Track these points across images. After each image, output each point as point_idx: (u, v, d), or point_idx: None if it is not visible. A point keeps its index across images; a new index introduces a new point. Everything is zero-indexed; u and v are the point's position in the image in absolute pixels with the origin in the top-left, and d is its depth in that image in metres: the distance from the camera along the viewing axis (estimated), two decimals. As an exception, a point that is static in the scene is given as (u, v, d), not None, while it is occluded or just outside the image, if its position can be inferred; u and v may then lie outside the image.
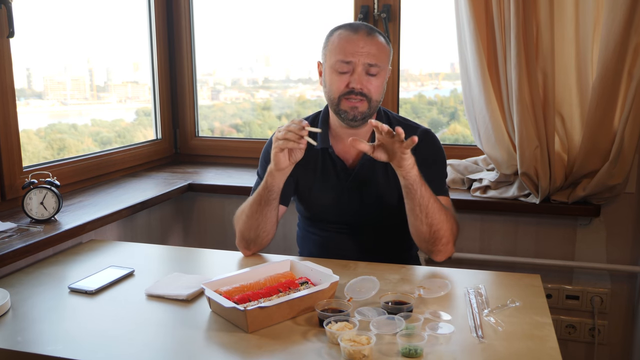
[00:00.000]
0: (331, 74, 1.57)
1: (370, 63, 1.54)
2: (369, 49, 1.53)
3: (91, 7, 2.35)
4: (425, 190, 1.48)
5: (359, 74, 1.54)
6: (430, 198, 1.49)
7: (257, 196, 1.60)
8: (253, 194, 1.64)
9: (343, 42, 1.55)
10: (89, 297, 1.39)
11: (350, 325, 1.13)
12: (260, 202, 1.59)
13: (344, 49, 1.54)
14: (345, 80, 1.55)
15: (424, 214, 1.50)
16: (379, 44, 1.56)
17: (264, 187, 1.58)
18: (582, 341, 2.16)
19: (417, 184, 1.47)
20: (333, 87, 1.57)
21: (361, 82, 1.54)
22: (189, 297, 1.36)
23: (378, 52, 1.55)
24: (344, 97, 1.56)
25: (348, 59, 1.54)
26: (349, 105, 1.56)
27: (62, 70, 2.34)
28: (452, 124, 2.58)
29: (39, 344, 1.16)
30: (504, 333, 1.17)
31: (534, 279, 1.46)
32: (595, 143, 1.89)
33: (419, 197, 1.48)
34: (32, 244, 1.53)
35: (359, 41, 1.54)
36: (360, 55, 1.53)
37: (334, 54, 1.56)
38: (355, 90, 1.54)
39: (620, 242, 2.07)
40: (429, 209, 1.49)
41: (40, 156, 2.18)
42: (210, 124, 2.86)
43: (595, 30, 1.86)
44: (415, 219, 1.52)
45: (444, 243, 1.53)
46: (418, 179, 1.47)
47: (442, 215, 1.51)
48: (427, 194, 1.49)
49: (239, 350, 1.13)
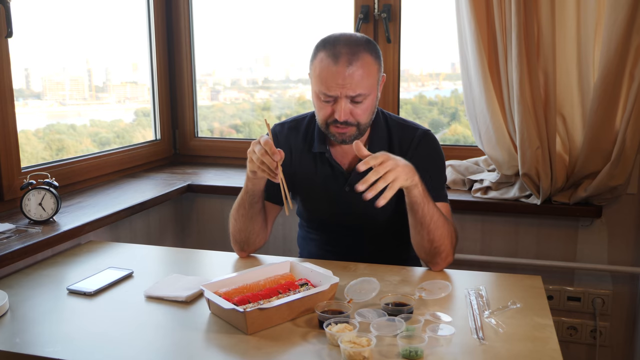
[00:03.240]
0: (316, 99, 1.53)
1: (352, 95, 1.46)
2: (350, 79, 1.44)
3: (90, 7, 2.34)
4: (429, 209, 1.45)
5: (342, 107, 1.47)
6: (434, 215, 1.47)
7: (240, 200, 1.60)
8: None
9: (324, 74, 1.46)
10: (87, 298, 1.38)
11: (350, 327, 1.13)
12: (244, 206, 1.59)
13: (325, 82, 1.46)
14: (329, 109, 1.50)
15: (425, 231, 1.48)
16: (362, 68, 1.46)
17: (244, 191, 1.57)
18: (584, 343, 2.15)
19: (420, 203, 1.44)
20: (319, 114, 1.54)
21: (346, 114, 1.48)
22: (188, 298, 1.35)
23: (361, 79, 1.46)
24: (331, 124, 1.53)
25: (330, 92, 1.46)
26: (337, 131, 1.53)
27: (60, 70, 2.33)
28: (453, 125, 2.57)
29: (37, 346, 1.16)
30: (504, 335, 1.17)
31: (535, 281, 1.46)
32: (597, 144, 1.89)
33: (421, 216, 1.46)
34: (30, 245, 1.52)
35: (339, 73, 1.44)
36: (343, 88, 1.45)
37: (316, 83, 1.49)
38: (340, 121, 1.50)
39: (622, 243, 2.07)
40: (431, 226, 1.47)
41: (38, 157, 2.17)
42: (210, 124, 2.85)
43: (597, 31, 1.86)
44: (417, 233, 1.50)
45: (443, 257, 1.52)
46: (421, 198, 1.43)
47: (445, 230, 1.49)
48: (431, 212, 1.46)
49: (239, 352, 1.12)
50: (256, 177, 1.51)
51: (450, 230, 1.52)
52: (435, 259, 1.52)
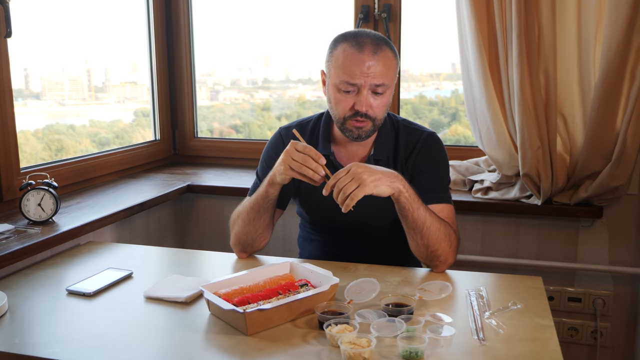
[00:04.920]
0: (336, 92, 1.52)
1: (377, 84, 1.47)
2: (375, 68, 1.45)
3: (89, 7, 2.34)
4: (419, 214, 1.44)
5: (364, 97, 1.47)
6: (426, 221, 1.45)
7: (255, 204, 1.58)
8: (250, 196, 1.63)
9: (348, 62, 1.46)
10: (87, 299, 1.38)
11: (350, 328, 1.13)
12: (259, 210, 1.58)
13: (349, 70, 1.46)
14: (350, 101, 1.50)
15: (418, 236, 1.47)
16: (386, 60, 1.47)
17: (263, 196, 1.56)
18: (584, 344, 2.15)
19: (409, 209, 1.43)
20: (338, 107, 1.53)
21: (367, 105, 1.48)
22: (188, 299, 1.35)
23: (385, 70, 1.47)
24: (349, 118, 1.52)
25: (354, 81, 1.46)
26: (354, 125, 1.52)
27: (60, 70, 2.33)
28: (453, 125, 2.57)
29: (36, 347, 1.15)
30: (505, 335, 1.17)
31: (536, 281, 1.46)
32: (598, 144, 1.88)
33: (412, 222, 1.45)
34: (29, 245, 1.52)
35: (365, 61, 1.45)
36: (367, 77, 1.45)
37: (339, 73, 1.49)
38: (361, 113, 1.49)
39: (623, 243, 2.06)
40: (424, 232, 1.46)
41: (37, 157, 2.17)
42: (210, 124, 2.85)
43: (598, 30, 1.85)
44: (411, 239, 1.50)
45: (442, 260, 1.51)
46: (409, 204, 1.43)
47: (441, 234, 1.48)
48: (422, 217, 1.45)
49: (238, 353, 1.12)
50: (285, 182, 1.50)
51: (448, 234, 1.51)
52: (434, 262, 1.52)
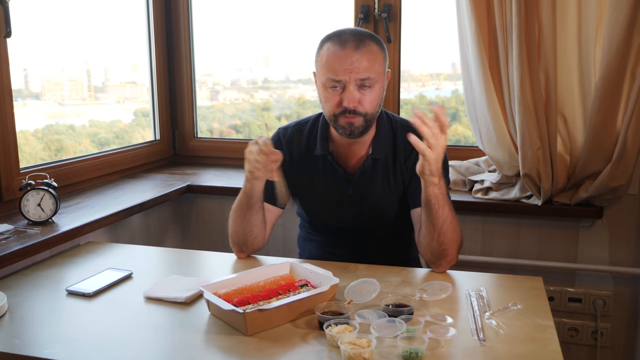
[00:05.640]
0: (324, 90, 1.53)
1: (362, 78, 1.48)
2: (359, 63, 1.46)
3: (89, 7, 2.34)
4: (444, 211, 1.44)
5: (351, 93, 1.48)
6: (447, 219, 1.46)
7: (239, 201, 1.59)
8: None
9: (331, 60, 1.49)
10: (86, 299, 1.38)
11: (350, 328, 1.12)
12: (242, 207, 1.58)
13: (332, 67, 1.48)
14: (337, 98, 1.51)
15: (437, 232, 1.47)
16: (369, 54, 1.49)
17: (243, 192, 1.57)
18: (585, 344, 2.15)
19: (435, 203, 1.43)
20: (327, 105, 1.54)
21: (354, 100, 1.49)
22: (188, 299, 1.34)
23: (370, 64, 1.48)
24: (339, 115, 1.53)
25: (338, 77, 1.48)
26: (345, 122, 1.52)
27: (59, 70, 2.33)
28: (454, 125, 2.57)
29: (36, 347, 1.15)
30: (505, 336, 1.16)
31: (536, 282, 1.46)
32: (598, 144, 1.88)
33: (434, 217, 1.45)
34: (29, 245, 1.52)
35: (347, 57, 1.46)
36: (351, 72, 1.47)
37: (324, 72, 1.51)
38: (349, 109, 1.50)
39: (623, 244, 2.06)
40: (442, 229, 1.46)
41: (37, 157, 2.17)
42: (209, 124, 2.85)
43: (598, 30, 1.85)
44: (428, 233, 1.49)
45: (449, 260, 1.51)
46: (436, 198, 1.42)
47: (456, 236, 1.49)
48: (445, 215, 1.45)
49: (238, 353, 1.12)
50: (254, 177, 1.51)
51: (460, 236, 1.52)
52: (440, 261, 1.51)
